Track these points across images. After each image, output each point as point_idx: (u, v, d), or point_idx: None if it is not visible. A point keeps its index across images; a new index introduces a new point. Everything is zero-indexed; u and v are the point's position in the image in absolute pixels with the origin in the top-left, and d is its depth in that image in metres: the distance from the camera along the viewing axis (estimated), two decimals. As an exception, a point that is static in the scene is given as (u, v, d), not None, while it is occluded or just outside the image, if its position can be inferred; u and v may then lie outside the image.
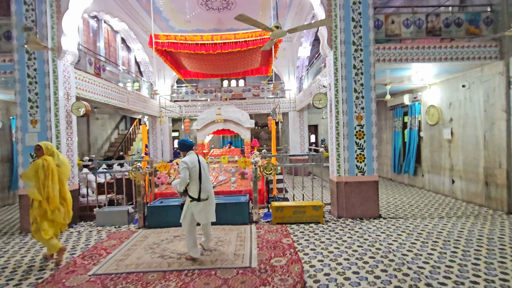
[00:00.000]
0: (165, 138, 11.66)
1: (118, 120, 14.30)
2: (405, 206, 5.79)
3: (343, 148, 4.91)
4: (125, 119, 14.79)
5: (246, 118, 8.92)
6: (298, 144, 11.58)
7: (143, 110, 9.72)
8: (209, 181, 3.70)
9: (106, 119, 13.05)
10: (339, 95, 4.92)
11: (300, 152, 11.57)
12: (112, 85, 7.52)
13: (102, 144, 12.63)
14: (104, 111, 11.59)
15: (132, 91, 9.02)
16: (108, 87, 7.26)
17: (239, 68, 9.65)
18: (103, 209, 5.20)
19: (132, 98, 8.78)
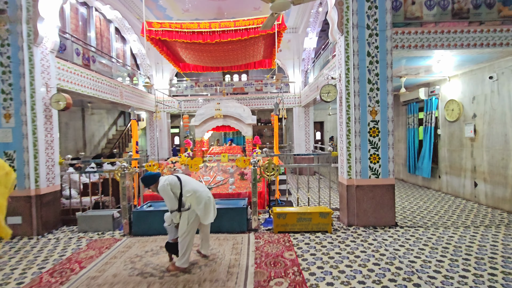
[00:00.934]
0: (163, 134, 11.18)
1: (116, 116, 13.87)
2: (422, 212, 5.19)
3: (355, 147, 4.32)
4: (124, 114, 14.35)
5: (247, 113, 8.36)
6: (303, 142, 10.99)
7: (139, 105, 9.23)
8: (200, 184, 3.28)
9: (104, 114, 12.62)
10: (351, 86, 4.32)
11: (305, 150, 10.98)
12: (103, 77, 7.02)
13: (99, 140, 12.21)
14: (101, 106, 11.14)
15: (127, 85, 8.51)
16: (98, 80, 6.76)
17: (240, 61, 9.07)
18: (86, 213, 4.71)
19: (126, 92, 8.28)
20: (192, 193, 3.07)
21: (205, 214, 3.10)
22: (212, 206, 3.19)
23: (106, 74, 7.57)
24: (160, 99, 10.86)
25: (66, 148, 10.05)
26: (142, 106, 9.43)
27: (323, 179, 9.02)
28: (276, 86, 11.23)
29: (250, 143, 8.37)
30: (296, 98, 11.05)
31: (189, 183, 3.17)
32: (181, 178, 3.18)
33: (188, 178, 3.29)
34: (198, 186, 3.19)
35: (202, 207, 3.07)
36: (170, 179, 3.17)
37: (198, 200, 3.08)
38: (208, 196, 3.17)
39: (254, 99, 11.10)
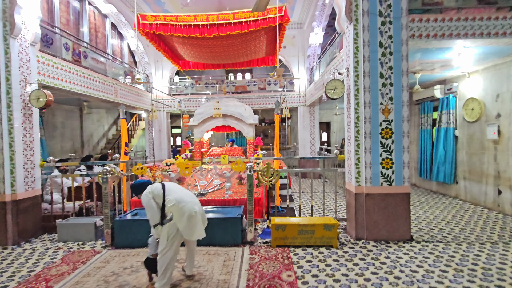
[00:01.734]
0: (163, 135, 10.81)
1: (116, 115, 13.59)
2: (440, 223, 4.65)
3: (365, 150, 3.82)
4: (125, 114, 14.05)
5: (249, 113, 7.90)
6: (308, 143, 10.48)
7: (136, 104, 8.86)
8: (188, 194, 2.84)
9: (103, 114, 12.33)
10: (360, 81, 3.82)
11: (310, 152, 10.46)
12: (95, 74, 6.65)
13: (98, 140, 11.94)
14: (101, 106, 10.83)
15: (123, 83, 8.15)
16: (90, 77, 6.39)
17: (241, 57, 8.62)
18: (67, 221, 4.32)
19: (121, 90, 7.91)
20: (174, 203, 2.64)
21: (188, 229, 2.65)
22: (198, 220, 2.72)
23: (100, 71, 7.21)
24: (160, 98, 10.48)
25: (62, 148, 9.77)
26: (139, 105, 9.06)
27: (329, 183, 8.49)
28: (279, 84, 10.75)
29: (252, 144, 7.91)
30: (301, 97, 10.54)
31: (174, 191, 2.73)
32: (165, 186, 2.76)
33: (175, 186, 2.86)
34: (184, 196, 2.74)
35: (185, 221, 2.63)
36: (154, 187, 2.76)
37: (181, 212, 2.64)
38: (195, 208, 2.71)
39: (257, 98, 10.63)
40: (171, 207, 2.63)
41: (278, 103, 5.11)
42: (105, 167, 3.93)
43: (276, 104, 5.14)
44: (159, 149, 10.74)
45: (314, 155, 10.42)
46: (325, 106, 12.21)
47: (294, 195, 7.12)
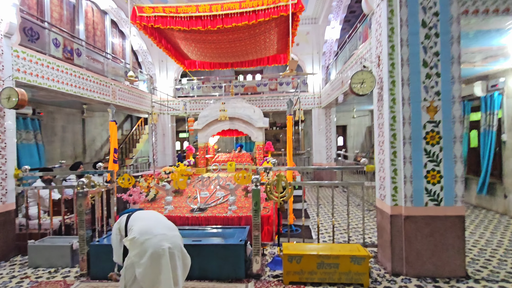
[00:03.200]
0: (167, 139, 10.23)
1: (122, 119, 13.20)
2: (497, 250, 3.70)
3: (403, 159, 2.98)
4: (131, 118, 13.66)
5: (258, 115, 7.16)
6: (324, 148, 9.62)
7: (137, 107, 8.32)
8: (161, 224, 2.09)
9: (107, 117, 11.91)
10: (397, 72, 3.01)
11: (325, 158, 9.59)
12: (90, 73, 6.11)
13: (102, 145, 11.50)
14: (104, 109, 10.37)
15: (122, 83, 7.61)
16: (83, 76, 5.85)
17: (250, 55, 7.93)
18: (42, 241, 3.68)
19: (121, 92, 7.37)
20: (134, 236, 1.90)
21: (149, 276, 1.84)
22: (166, 263, 1.88)
23: (98, 71, 6.69)
24: (164, 100, 9.92)
25: (62, 154, 9.35)
26: (141, 107, 8.51)
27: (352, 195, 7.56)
28: (292, 84, 9.97)
29: (261, 150, 7.16)
30: (316, 99, 9.73)
31: (140, 219, 2.02)
32: (132, 215, 2.04)
33: (145, 214, 2.14)
34: (154, 227, 2.00)
35: (145, 262, 1.84)
36: (121, 217, 2.08)
37: (141, 249, 1.87)
38: (162, 244, 1.90)
39: (267, 100, 9.90)
40: (130, 242, 1.89)
41: (291, 103, 4.35)
42: (81, 179, 3.26)
43: (288, 103, 4.38)
44: (163, 155, 10.17)
45: (330, 161, 9.55)
46: (341, 108, 11.34)
47: (309, 208, 6.29)
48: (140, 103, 8.48)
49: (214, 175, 6.65)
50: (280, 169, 3.70)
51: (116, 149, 4.46)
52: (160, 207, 4.46)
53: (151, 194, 4.82)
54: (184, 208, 4.43)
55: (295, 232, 4.31)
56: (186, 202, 4.70)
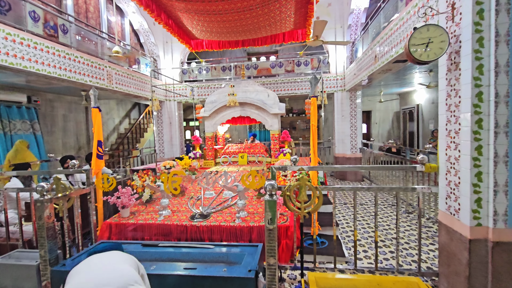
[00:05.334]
0: (174, 128, 9.51)
1: (129, 107, 12.61)
2: None
3: (494, 158, 1.98)
4: (139, 106, 13.07)
5: (273, 100, 6.28)
6: (348, 137, 8.57)
7: (138, 92, 7.56)
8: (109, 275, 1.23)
9: (113, 105, 11.35)
10: (488, 23, 1.96)
11: (350, 149, 8.56)
12: (78, 54, 5.34)
13: (108, 135, 11.00)
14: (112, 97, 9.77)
15: (120, 66, 6.84)
16: (69, 56, 5.08)
17: (263, 29, 6.87)
18: (8, 257, 3.00)
19: (118, 75, 6.60)
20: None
21: None
22: None
23: (90, 52, 5.93)
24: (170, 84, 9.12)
25: (65, 145, 8.85)
26: (142, 93, 7.74)
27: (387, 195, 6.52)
28: (311, 65, 8.85)
29: (277, 140, 6.27)
30: (338, 80, 8.60)
31: (82, 272, 1.25)
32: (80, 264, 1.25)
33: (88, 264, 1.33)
34: (95, 284, 1.17)
35: None
36: None
37: None
38: None
39: (283, 83, 8.89)
40: None
41: (316, 80, 3.36)
42: (38, 184, 2.48)
43: (312, 81, 3.39)
44: (170, 145, 9.49)
45: (355, 152, 8.52)
46: (365, 92, 10.19)
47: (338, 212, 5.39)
48: (141, 88, 7.72)
49: (224, 168, 5.90)
50: (302, 168, 2.77)
51: (101, 141, 3.68)
52: (155, 212, 3.71)
53: (146, 194, 4.07)
54: (184, 213, 3.66)
55: (322, 247, 3.42)
56: (188, 205, 3.93)
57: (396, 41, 4.49)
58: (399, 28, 4.43)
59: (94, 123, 3.74)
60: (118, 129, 11.73)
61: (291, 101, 12.23)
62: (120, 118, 11.87)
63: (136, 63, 7.96)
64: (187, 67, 9.58)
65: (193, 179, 5.19)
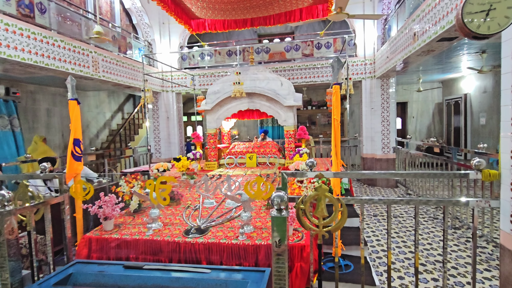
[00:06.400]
0: (172, 124, 9.44)
1: (122, 100, 12.71)
2: None
3: None
4: (133, 98, 13.17)
5: (287, 89, 6.08)
6: (378, 134, 8.26)
7: (130, 82, 7.50)
8: None
9: (103, 98, 11.45)
10: None
11: (381, 148, 8.22)
12: (59, 37, 5.30)
13: (98, 132, 11.13)
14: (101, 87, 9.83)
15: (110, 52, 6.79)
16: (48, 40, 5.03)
17: (275, 4, 6.66)
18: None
19: (105, 62, 6.54)
20: None
21: None
22: None
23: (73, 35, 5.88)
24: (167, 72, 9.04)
25: (49, 143, 8.92)
26: (134, 83, 7.68)
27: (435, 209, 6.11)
28: (334, 47, 8.54)
29: (292, 138, 6.09)
30: (367, 66, 8.27)
31: None
32: None
33: None
34: None
35: None
36: None
37: None
38: None
39: (300, 70, 8.62)
40: None
41: (339, 63, 3.11)
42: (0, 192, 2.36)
43: (334, 65, 3.14)
44: (167, 144, 9.44)
45: (387, 152, 8.18)
46: (399, 79, 9.84)
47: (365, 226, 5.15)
48: (134, 77, 7.67)
49: (229, 172, 5.77)
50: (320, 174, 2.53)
51: (79, 140, 3.57)
52: (143, 224, 3.57)
53: (134, 203, 3.94)
54: (177, 226, 3.50)
55: (346, 271, 3.19)
56: (182, 216, 3.78)
57: (441, 14, 4.16)
58: None
59: (72, 117, 3.63)
60: (110, 125, 11.84)
61: (310, 91, 12.01)
62: (111, 113, 11.99)
63: (128, 48, 7.90)
64: (187, 51, 9.49)
65: (192, 185, 5.05)
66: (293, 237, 3.04)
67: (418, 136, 12.03)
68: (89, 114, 10.70)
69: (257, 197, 2.71)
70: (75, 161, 3.53)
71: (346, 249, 3.53)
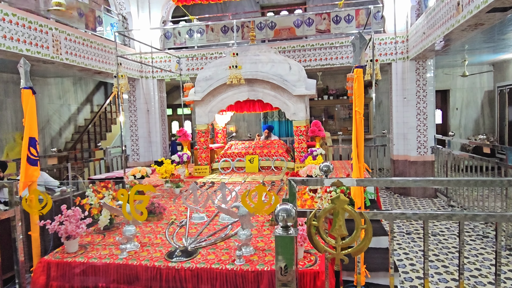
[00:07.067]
0: (153, 118, 9.55)
1: (91, 89, 12.86)
2: None
3: None
4: (105, 86, 13.34)
5: (297, 75, 6.30)
6: (413, 131, 8.38)
7: (101, 66, 7.58)
8: None
9: (68, 86, 11.61)
10: None
11: (416, 148, 8.33)
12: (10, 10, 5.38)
13: (61, 128, 11.30)
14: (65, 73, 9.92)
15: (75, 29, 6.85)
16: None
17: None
18: None
19: (69, 42, 6.62)
20: None
21: None
22: None
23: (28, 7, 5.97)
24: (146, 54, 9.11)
25: (1, 142, 9.07)
26: (106, 67, 7.75)
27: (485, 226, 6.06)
28: (356, 21, 8.55)
29: (303, 135, 6.33)
30: (398, 44, 8.31)
31: None
32: None
33: None
34: None
35: None
36: None
37: None
38: None
39: (314, 50, 8.67)
40: None
41: (362, 39, 3.09)
42: None
43: (355, 43, 3.12)
44: (147, 143, 9.58)
45: (424, 153, 8.28)
46: (440, 61, 9.94)
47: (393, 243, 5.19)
48: (105, 60, 7.76)
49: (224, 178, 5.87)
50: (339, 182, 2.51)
51: (35, 139, 3.59)
52: (116, 245, 3.60)
53: (104, 218, 3.98)
54: (159, 246, 3.56)
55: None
56: (165, 235, 3.82)
57: None
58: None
59: (25, 111, 3.65)
60: (76, 120, 12.02)
61: (326, 76, 12.15)
62: (78, 105, 12.17)
63: (97, 24, 7.96)
64: (171, 27, 9.52)
65: (177, 195, 5.17)
66: (304, 261, 3.06)
67: (463, 133, 12.12)
68: (50, 106, 10.83)
69: (258, 211, 2.73)
70: (30, 166, 3.57)
71: (372, 276, 3.56)
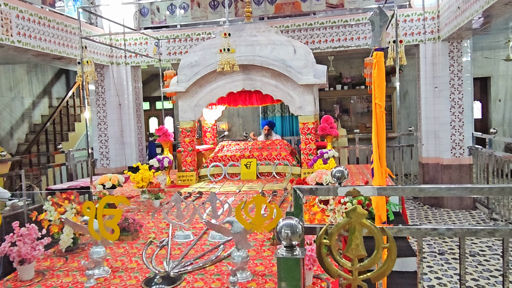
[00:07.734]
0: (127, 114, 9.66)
1: (50, 78, 12.97)
2: None
3: None
4: (67, 75, 13.50)
5: (304, 60, 6.43)
6: (446, 127, 8.58)
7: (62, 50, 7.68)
8: None
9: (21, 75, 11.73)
10: None
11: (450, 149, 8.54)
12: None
13: (13, 127, 11.42)
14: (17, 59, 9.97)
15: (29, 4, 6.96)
16: None
17: None
18: None
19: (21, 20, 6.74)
20: None
21: None
22: None
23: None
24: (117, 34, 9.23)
25: None
26: (68, 51, 7.84)
27: None
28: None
29: (312, 134, 6.44)
30: (428, 21, 8.47)
31: None
32: None
33: None
34: None
35: None
36: None
37: None
38: None
39: (324, 29, 8.86)
40: None
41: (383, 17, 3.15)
42: None
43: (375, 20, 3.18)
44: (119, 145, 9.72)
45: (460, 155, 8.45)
46: (478, 42, 10.12)
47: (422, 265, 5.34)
48: (66, 42, 7.88)
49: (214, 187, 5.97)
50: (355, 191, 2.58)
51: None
52: (80, 270, 3.67)
53: (66, 236, 4.04)
54: (134, 272, 3.63)
55: None
56: (142, 257, 3.89)
57: None
58: None
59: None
60: (31, 116, 12.15)
61: (339, 61, 12.38)
62: (33, 98, 12.32)
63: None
64: (148, 1, 9.61)
65: (157, 208, 5.26)
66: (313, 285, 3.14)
67: (507, 129, 12.36)
68: (1, 100, 10.91)
69: (256, 227, 2.78)
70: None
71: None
